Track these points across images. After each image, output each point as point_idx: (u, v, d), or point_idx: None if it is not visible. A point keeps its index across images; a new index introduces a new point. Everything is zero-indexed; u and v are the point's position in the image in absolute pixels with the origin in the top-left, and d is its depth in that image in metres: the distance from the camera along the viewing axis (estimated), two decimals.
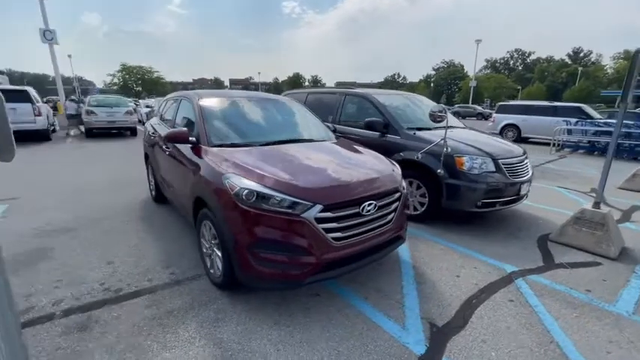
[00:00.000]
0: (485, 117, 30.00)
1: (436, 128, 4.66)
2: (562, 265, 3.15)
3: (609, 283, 2.85)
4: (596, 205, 3.55)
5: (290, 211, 2.13)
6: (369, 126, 4.45)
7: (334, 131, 4.05)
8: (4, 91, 7.09)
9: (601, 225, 3.42)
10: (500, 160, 3.78)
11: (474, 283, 2.81)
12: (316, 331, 2.19)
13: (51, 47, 13.94)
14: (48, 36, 13.60)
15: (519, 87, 66.44)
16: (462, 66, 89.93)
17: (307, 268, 2.17)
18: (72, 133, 13.33)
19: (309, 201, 2.15)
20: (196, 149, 2.88)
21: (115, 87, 63.17)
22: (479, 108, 33.59)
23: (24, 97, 9.88)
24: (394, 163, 3.08)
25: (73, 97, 15.94)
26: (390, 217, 2.58)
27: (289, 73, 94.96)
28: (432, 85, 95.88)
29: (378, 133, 4.52)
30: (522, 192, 3.92)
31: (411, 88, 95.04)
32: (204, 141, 2.88)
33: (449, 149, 3.76)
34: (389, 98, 4.99)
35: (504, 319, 2.35)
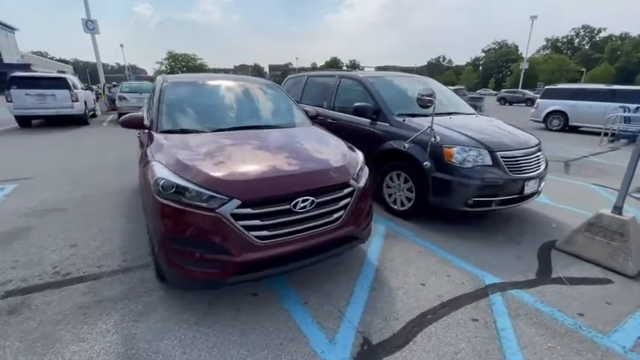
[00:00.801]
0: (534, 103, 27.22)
1: (438, 114, 4.18)
2: (559, 280, 2.64)
3: (613, 308, 2.32)
4: (617, 209, 2.91)
5: (206, 205, 1.93)
6: (358, 112, 4.08)
7: (315, 117, 3.77)
8: (46, 79, 7.64)
9: (619, 234, 2.81)
10: (498, 153, 3.24)
11: (438, 294, 2.44)
12: (235, 336, 2.01)
13: (92, 36, 14.86)
14: (90, 26, 14.49)
15: (583, 69, 59.24)
16: (517, 47, 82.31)
17: (227, 268, 1.98)
18: (109, 117, 14.27)
19: (225, 195, 1.93)
20: (149, 135, 2.78)
21: (164, 73, 67.15)
22: (529, 93, 30.45)
23: (63, 84, 10.64)
24: (356, 152, 2.74)
25: (114, 82, 16.97)
26: (337, 214, 2.29)
27: (328, 58, 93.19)
28: (480, 68, 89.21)
29: (368, 120, 4.13)
30: (527, 190, 3.35)
31: (457, 72, 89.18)
32: (155, 126, 2.77)
33: (437, 138, 3.31)
34: (386, 81, 4.54)
35: (456, 342, 1.98)
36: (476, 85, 74.38)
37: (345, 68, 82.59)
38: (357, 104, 4.08)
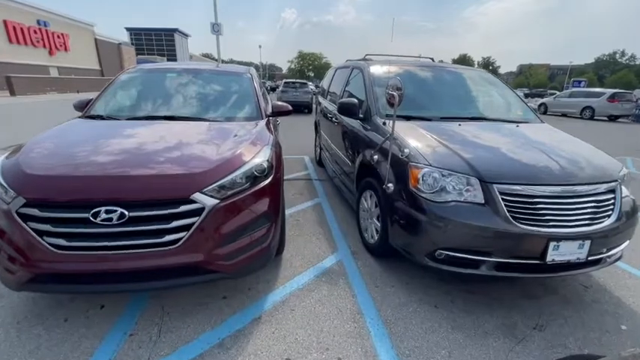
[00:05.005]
0: None
1: (471, 119, 3.00)
2: None
3: None
4: None
5: (6, 198, 1.72)
6: (343, 110, 3.20)
7: (287, 113, 3.18)
8: None
9: None
10: (496, 186, 1.97)
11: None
12: (24, 350, 1.76)
13: (217, 37, 17.29)
14: (215, 28, 16.86)
15: None
16: None
17: (21, 273, 1.73)
18: None
19: (15, 190, 1.68)
20: None
21: (293, 71, 74.97)
22: None
23: None
24: (255, 158, 2.05)
25: None
26: (173, 236, 1.75)
27: (457, 55, 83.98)
28: None
29: (358, 122, 3.24)
30: (554, 256, 1.94)
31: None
32: (85, 110, 2.78)
33: (406, 152, 2.27)
34: (398, 72, 3.48)
35: None
36: None
37: (476, 67, 73.30)
38: (341, 100, 3.25)
